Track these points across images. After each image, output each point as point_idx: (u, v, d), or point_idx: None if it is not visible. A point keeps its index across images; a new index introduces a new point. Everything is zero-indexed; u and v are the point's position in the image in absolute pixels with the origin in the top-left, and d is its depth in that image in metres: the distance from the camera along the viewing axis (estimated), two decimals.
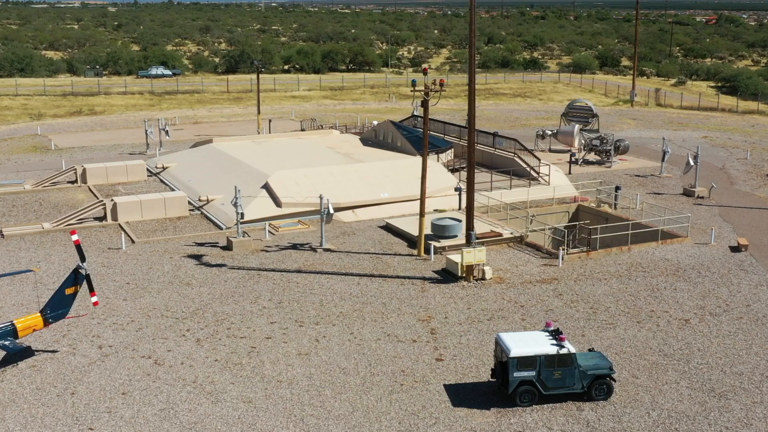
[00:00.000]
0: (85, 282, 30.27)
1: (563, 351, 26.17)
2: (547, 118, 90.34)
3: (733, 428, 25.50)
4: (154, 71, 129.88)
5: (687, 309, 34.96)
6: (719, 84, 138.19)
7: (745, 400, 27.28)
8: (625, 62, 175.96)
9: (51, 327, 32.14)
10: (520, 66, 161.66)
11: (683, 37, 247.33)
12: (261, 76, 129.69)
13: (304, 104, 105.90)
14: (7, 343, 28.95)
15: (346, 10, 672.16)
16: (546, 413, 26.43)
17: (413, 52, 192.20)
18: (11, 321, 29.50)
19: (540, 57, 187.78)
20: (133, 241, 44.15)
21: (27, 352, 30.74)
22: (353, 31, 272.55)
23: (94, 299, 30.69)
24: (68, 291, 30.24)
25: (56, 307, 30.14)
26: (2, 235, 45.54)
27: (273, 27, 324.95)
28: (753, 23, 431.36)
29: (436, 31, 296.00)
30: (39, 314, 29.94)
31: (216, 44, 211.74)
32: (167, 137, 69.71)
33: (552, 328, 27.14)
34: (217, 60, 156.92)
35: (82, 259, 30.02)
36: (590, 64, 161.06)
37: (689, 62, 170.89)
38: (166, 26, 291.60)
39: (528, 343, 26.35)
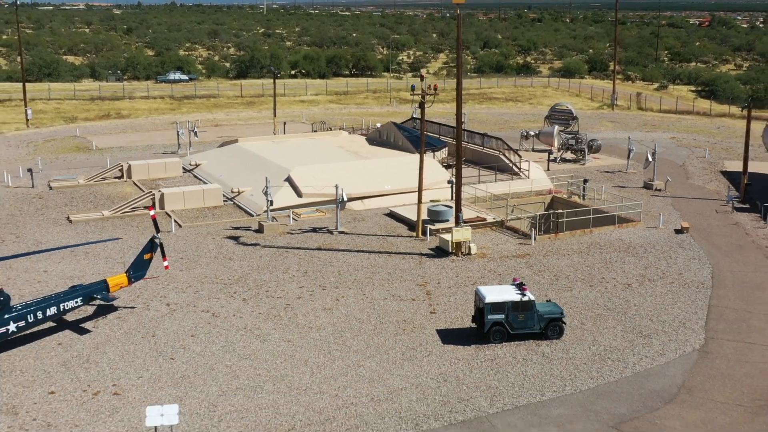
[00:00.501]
0: (159, 249, 39.15)
1: (525, 298, 35.02)
2: (534, 121, 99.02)
3: (651, 357, 34.35)
4: (172, 76, 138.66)
5: (631, 276, 43.84)
6: (699, 88, 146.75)
7: (664, 339, 36.12)
8: (613, 66, 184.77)
9: (129, 288, 40.95)
10: (513, 71, 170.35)
11: (673, 41, 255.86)
12: (270, 81, 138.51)
13: (312, 108, 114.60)
14: (99, 296, 37.80)
15: (347, 13, 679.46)
16: (512, 348, 35.27)
17: (412, 57, 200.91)
18: (104, 279, 38.37)
19: (533, 61, 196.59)
20: (180, 226, 52.99)
21: (111, 308, 39.61)
22: (354, 35, 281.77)
23: (165, 263, 39.65)
24: (146, 256, 39.12)
25: (137, 269, 39.02)
26: (70, 220, 54.43)
27: (277, 30, 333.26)
28: (745, 25, 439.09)
29: (434, 35, 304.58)
30: (125, 274, 38.82)
31: (225, 49, 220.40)
32: (196, 138, 78.57)
33: (517, 282, 36.01)
34: (228, 65, 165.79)
35: (157, 230, 38.94)
36: (579, 68, 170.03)
37: (673, 67, 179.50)
38: (174, 30, 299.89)
39: (499, 292, 35.23)
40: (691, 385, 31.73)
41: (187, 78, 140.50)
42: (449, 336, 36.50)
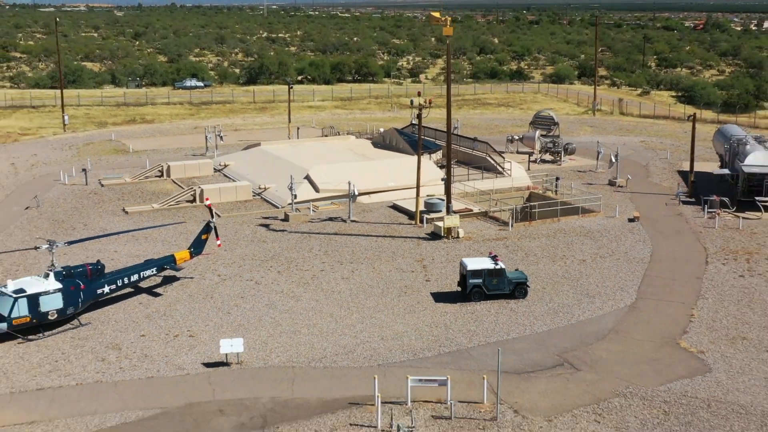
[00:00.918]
0: (213, 232, 50.02)
1: (497, 267, 45.87)
2: (522, 126, 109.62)
3: (592, 311, 45.16)
4: (188, 83, 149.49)
5: (586, 254, 54.71)
6: (679, 94, 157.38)
7: (604, 299, 46.96)
8: (601, 72, 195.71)
9: (188, 262, 51.65)
10: (507, 76, 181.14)
11: (663, 46, 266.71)
12: (280, 87, 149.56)
13: (319, 113, 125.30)
14: (169, 267, 48.67)
15: (346, 14, 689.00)
16: (487, 305, 46.09)
17: (411, 63, 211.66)
18: (172, 254, 49.24)
19: (526, 67, 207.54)
20: (219, 216, 63.78)
21: (174, 279, 50.39)
22: (356, 39, 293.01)
23: (218, 242, 50.59)
24: (203, 237, 49.99)
25: (196, 247, 49.90)
26: (125, 211, 65.27)
27: (279, 35, 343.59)
28: (739, 28, 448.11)
29: (433, 39, 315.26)
30: (187, 250, 49.68)
31: (233, 55, 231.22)
32: (221, 141, 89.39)
33: (492, 255, 46.87)
34: (237, 71, 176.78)
35: (212, 216, 49.80)
36: (569, 74, 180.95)
37: (657, 73, 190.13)
38: (180, 35, 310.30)
39: (478, 262, 46.10)
40: (619, 329, 42.62)
41: (202, 85, 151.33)
42: (440, 297, 47.35)
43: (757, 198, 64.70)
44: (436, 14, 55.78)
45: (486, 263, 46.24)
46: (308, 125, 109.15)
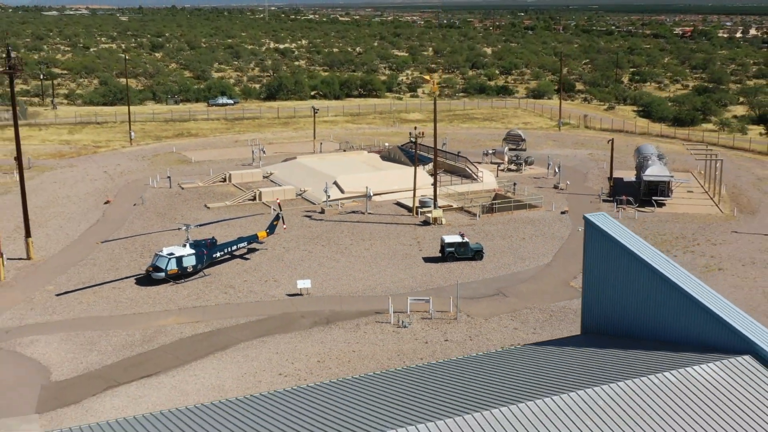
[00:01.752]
0: (281, 219, 77.15)
1: (464, 240, 72.95)
2: (500, 140, 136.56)
3: (522, 266, 72.17)
4: (220, 100, 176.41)
5: (526, 234, 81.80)
6: (639, 109, 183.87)
7: (532, 260, 73.95)
8: (579, 86, 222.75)
9: (266, 239, 78.48)
10: (494, 91, 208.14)
11: (642, 59, 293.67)
12: (299, 103, 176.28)
13: (333, 128, 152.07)
14: (255, 242, 75.80)
15: (346, 19, 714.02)
16: (457, 264, 73.07)
17: (410, 78, 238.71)
18: (256, 233, 76.34)
19: (512, 82, 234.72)
20: (274, 210, 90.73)
21: (254, 250, 77.40)
22: (358, 49, 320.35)
23: (284, 226, 77.86)
24: (274, 223, 77.14)
25: (270, 229, 77.01)
26: (207, 207, 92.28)
27: (285, 44, 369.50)
28: (726, 35, 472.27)
29: (431, 49, 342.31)
30: (265, 231, 76.79)
31: (250, 70, 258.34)
32: (263, 154, 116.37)
33: (461, 233, 74.03)
34: (257, 86, 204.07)
35: (280, 208, 76.94)
36: (549, 89, 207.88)
37: (626, 88, 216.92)
38: (195, 47, 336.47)
39: (452, 238, 73.23)
40: (536, 276, 69.73)
41: (232, 102, 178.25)
42: (428, 260, 74.38)
43: (653, 198, 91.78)
44: (426, 77, 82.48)
45: (457, 238, 73.35)
46: (327, 140, 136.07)
